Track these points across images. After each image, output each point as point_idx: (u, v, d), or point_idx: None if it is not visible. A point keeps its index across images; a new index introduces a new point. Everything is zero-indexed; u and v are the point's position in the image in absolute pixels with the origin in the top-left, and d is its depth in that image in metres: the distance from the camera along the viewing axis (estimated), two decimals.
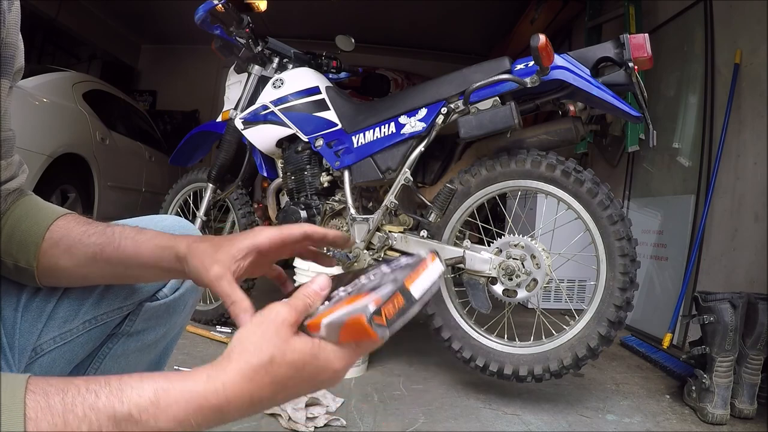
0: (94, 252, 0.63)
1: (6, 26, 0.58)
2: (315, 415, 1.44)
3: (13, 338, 0.64)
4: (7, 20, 0.58)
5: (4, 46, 0.58)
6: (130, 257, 0.62)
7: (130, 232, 0.64)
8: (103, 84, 4.18)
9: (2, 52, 0.58)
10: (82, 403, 0.39)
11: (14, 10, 0.60)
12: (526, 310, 2.94)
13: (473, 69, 1.73)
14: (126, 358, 0.75)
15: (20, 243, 0.63)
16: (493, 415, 1.62)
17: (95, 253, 0.63)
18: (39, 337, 0.66)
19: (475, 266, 1.68)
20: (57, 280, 0.65)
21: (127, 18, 6.23)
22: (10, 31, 0.59)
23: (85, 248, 0.63)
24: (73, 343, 0.69)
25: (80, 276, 0.65)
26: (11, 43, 0.59)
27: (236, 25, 2.18)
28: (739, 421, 1.69)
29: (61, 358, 0.68)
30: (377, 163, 1.87)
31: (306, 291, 0.50)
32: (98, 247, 0.63)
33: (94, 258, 0.63)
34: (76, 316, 0.68)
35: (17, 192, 0.67)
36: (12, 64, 0.60)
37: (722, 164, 2.48)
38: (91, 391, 0.40)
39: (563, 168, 1.61)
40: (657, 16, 3.19)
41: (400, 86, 6.45)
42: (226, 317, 2.35)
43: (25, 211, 0.66)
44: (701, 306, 1.79)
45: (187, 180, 2.53)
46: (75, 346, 0.69)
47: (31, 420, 0.37)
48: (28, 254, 0.63)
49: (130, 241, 0.63)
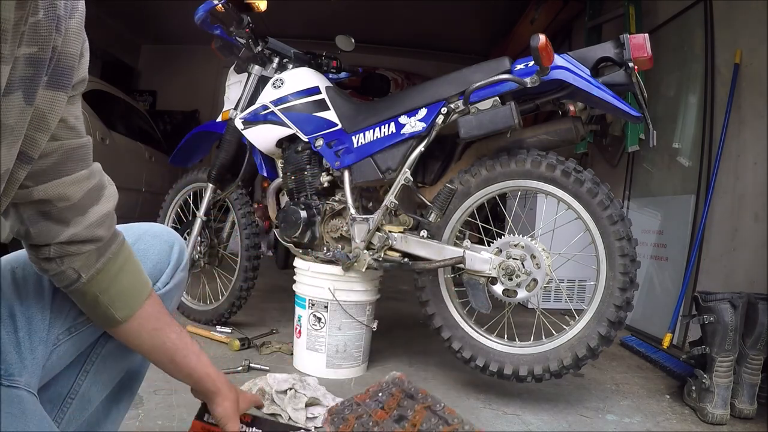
0: (168, 349, 0.79)
1: (65, 34, 0.54)
2: (315, 415, 1.44)
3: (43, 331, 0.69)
4: (67, 27, 0.54)
5: (62, 56, 0.55)
6: (189, 368, 0.83)
7: (196, 349, 0.84)
8: (103, 84, 4.18)
9: (60, 62, 0.55)
10: None
11: (77, 15, 0.56)
12: (526, 310, 2.94)
13: (473, 69, 1.73)
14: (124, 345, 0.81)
15: (125, 299, 0.72)
16: (493, 415, 1.62)
17: (168, 350, 0.79)
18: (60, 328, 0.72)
19: (475, 266, 1.68)
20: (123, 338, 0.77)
21: (127, 18, 6.23)
22: (69, 39, 0.55)
23: (164, 342, 0.78)
24: (83, 333, 0.75)
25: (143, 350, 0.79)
26: (71, 52, 0.56)
27: (236, 25, 2.18)
28: (739, 421, 1.70)
29: (73, 346, 0.74)
30: (377, 163, 1.87)
31: None
32: (173, 349, 0.79)
33: (165, 352, 0.79)
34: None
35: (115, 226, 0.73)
36: (70, 75, 0.57)
37: (722, 164, 2.48)
38: None
39: (563, 168, 1.61)
40: (657, 16, 3.19)
41: (400, 86, 6.45)
42: (226, 317, 2.35)
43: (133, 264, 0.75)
44: (701, 306, 1.79)
45: (187, 180, 2.53)
46: (83, 336, 0.75)
47: None
48: (126, 310, 0.72)
49: (194, 357, 0.83)
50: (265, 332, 2.29)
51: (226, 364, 1.83)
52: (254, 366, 1.82)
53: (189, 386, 0.88)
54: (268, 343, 2.08)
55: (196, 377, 0.84)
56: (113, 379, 0.84)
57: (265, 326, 2.42)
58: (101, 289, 0.69)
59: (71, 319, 0.73)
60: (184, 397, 1.43)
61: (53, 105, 0.56)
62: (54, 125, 0.57)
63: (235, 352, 2.00)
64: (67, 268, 0.66)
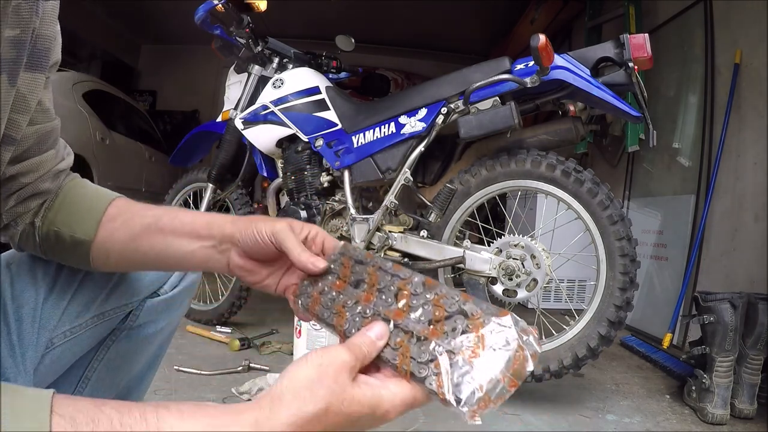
0: (149, 223, 0.65)
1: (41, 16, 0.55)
2: None
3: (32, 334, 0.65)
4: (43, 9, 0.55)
5: (39, 39, 0.56)
6: (185, 224, 0.64)
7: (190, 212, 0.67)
8: (103, 84, 4.18)
9: (37, 44, 0.55)
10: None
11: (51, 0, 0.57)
12: (526, 310, 2.94)
13: (473, 69, 1.73)
14: (127, 350, 0.79)
15: (82, 215, 0.65)
16: (493, 415, 1.62)
17: (150, 224, 0.64)
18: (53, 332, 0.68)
19: (475, 266, 1.68)
20: (107, 256, 0.66)
21: (127, 18, 6.23)
22: (45, 21, 0.56)
23: (141, 219, 0.65)
24: (81, 337, 0.71)
25: (129, 251, 0.66)
26: (47, 35, 0.57)
27: (236, 25, 2.18)
28: (739, 421, 1.69)
29: (69, 350, 0.70)
30: (377, 163, 1.87)
31: (363, 339, 0.47)
32: (154, 218, 0.65)
33: (148, 228, 0.64)
34: (87, 312, 0.71)
35: (66, 172, 0.70)
36: (48, 57, 0.58)
37: (722, 164, 2.47)
38: (126, 426, 0.36)
39: (563, 168, 1.61)
40: (657, 16, 3.19)
41: (400, 86, 6.44)
42: (226, 317, 2.35)
43: (85, 188, 0.69)
44: (701, 306, 1.79)
45: (187, 180, 2.53)
46: (82, 340, 0.71)
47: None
48: (88, 226, 0.65)
49: (189, 214, 0.66)
50: (265, 332, 2.29)
51: (226, 364, 1.83)
52: (254, 366, 1.82)
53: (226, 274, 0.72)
54: (268, 343, 2.08)
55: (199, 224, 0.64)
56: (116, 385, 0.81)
57: (265, 326, 2.42)
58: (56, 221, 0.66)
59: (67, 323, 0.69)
60: (183, 396, 1.43)
61: (33, 87, 0.56)
62: (33, 107, 0.58)
63: (235, 352, 2.00)
64: (23, 225, 0.66)
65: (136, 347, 0.79)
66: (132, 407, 0.37)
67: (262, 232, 0.61)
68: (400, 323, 0.49)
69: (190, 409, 0.39)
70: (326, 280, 0.59)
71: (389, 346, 0.48)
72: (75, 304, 0.70)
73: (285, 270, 0.66)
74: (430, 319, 0.47)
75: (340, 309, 0.55)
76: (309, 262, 0.58)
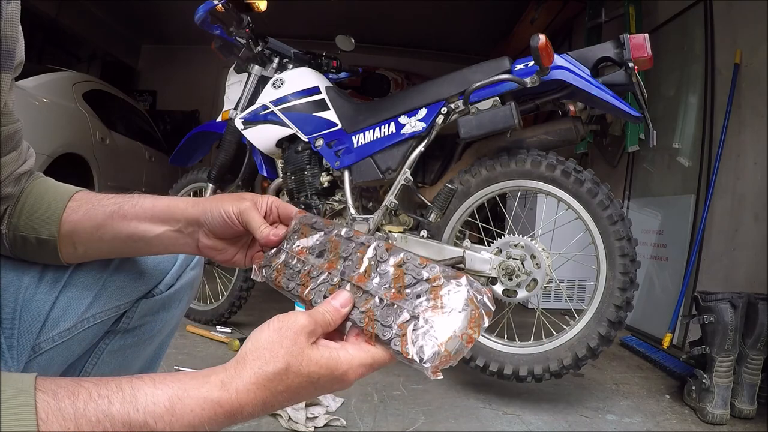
0: (112, 211, 0.65)
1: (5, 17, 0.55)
2: (315, 415, 1.44)
3: (11, 338, 0.63)
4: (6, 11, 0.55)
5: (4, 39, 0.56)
6: (146, 210, 0.65)
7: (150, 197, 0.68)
8: (103, 84, 4.18)
9: (2, 45, 0.56)
10: (95, 409, 0.38)
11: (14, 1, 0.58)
12: (526, 310, 2.94)
13: (473, 69, 1.73)
14: (123, 353, 0.76)
15: (42, 216, 0.65)
16: (493, 415, 1.62)
17: (113, 212, 0.65)
18: (38, 336, 0.66)
19: (475, 266, 1.68)
20: (74, 248, 0.66)
21: (127, 18, 6.23)
22: (9, 23, 0.57)
23: (104, 208, 0.66)
24: (71, 342, 0.69)
25: (95, 240, 0.66)
26: (11, 36, 0.57)
27: (236, 25, 2.18)
28: (739, 421, 1.69)
29: (59, 356, 0.68)
30: (377, 163, 1.87)
31: (327, 307, 0.50)
32: (116, 206, 0.66)
33: (111, 216, 0.65)
34: (75, 315, 0.68)
35: (29, 174, 0.69)
36: (12, 57, 0.58)
37: (722, 164, 2.48)
38: (104, 397, 0.39)
39: (563, 168, 1.61)
40: (657, 16, 3.19)
41: (400, 86, 6.44)
42: (226, 317, 2.35)
43: (44, 188, 0.68)
44: (701, 306, 1.79)
45: (187, 180, 2.53)
46: (72, 344, 0.69)
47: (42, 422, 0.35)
48: (50, 225, 0.65)
49: (149, 199, 0.67)
50: None
51: None
52: None
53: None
54: None
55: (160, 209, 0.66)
56: None
57: None
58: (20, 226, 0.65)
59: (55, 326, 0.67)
60: None
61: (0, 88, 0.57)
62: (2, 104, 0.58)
63: (235, 352, 2.00)
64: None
65: (133, 350, 0.77)
66: (109, 380, 0.40)
67: (230, 213, 0.64)
68: (364, 287, 0.51)
69: (161, 377, 0.42)
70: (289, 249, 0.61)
71: (357, 309, 0.51)
72: (60, 307, 0.68)
73: (250, 243, 0.70)
74: (391, 284, 0.50)
75: (305, 278, 0.57)
76: (270, 234, 0.64)
